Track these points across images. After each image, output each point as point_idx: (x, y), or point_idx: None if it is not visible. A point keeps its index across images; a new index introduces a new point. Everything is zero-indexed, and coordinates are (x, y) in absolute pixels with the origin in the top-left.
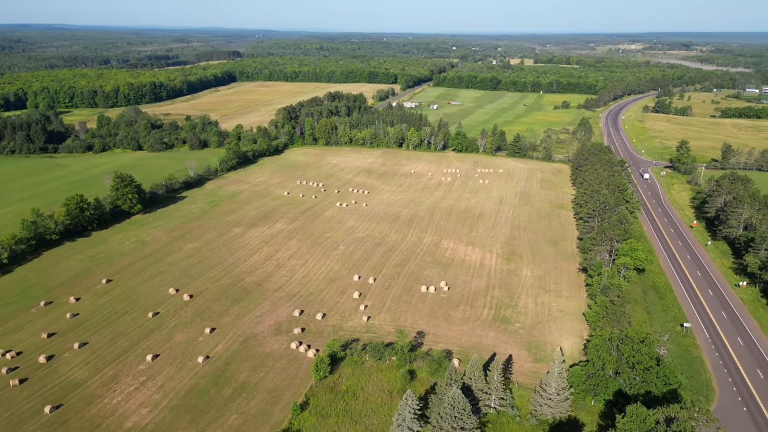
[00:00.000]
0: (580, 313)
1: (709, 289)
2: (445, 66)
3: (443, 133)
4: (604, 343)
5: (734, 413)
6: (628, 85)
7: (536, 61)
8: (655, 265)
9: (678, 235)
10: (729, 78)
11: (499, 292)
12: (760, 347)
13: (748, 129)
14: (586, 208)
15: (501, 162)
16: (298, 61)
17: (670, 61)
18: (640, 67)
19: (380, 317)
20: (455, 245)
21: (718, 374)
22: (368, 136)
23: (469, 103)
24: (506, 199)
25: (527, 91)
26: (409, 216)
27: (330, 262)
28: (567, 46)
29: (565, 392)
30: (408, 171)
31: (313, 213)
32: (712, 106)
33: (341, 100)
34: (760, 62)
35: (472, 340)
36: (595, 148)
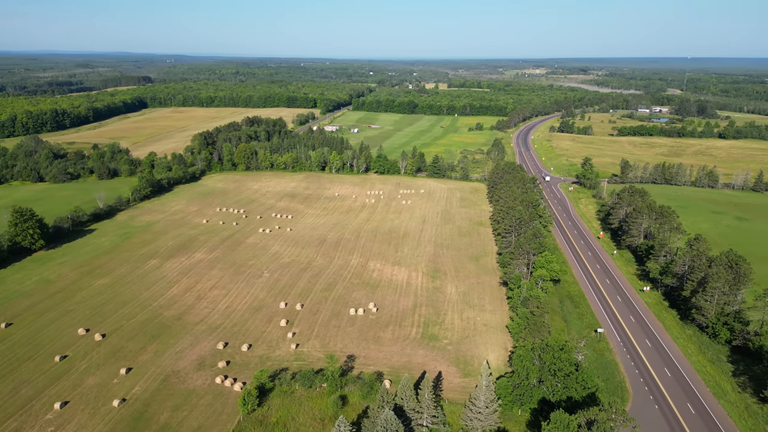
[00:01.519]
0: (504, 325)
1: (618, 296)
2: (363, 90)
3: (365, 155)
4: (527, 354)
5: (647, 411)
6: (535, 107)
7: (450, 86)
8: (569, 275)
9: (587, 245)
10: (623, 99)
11: (426, 310)
12: (665, 347)
13: (642, 145)
14: (504, 224)
15: (422, 183)
16: (214, 86)
17: (571, 85)
18: (544, 90)
19: (309, 344)
20: (382, 266)
21: (631, 375)
22: (290, 161)
23: (389, 126)
24: (429, 218)
25: (443, 114)
26: (335, 239)
27: (254, 291)
28: (478, 71)
29: (494, 404)
30: (332, 194)
31: (234, 240)
32: (610, 126)
33: (260, 124)
34: (648, 84)
35: (403, 360)
36: (509, 167)
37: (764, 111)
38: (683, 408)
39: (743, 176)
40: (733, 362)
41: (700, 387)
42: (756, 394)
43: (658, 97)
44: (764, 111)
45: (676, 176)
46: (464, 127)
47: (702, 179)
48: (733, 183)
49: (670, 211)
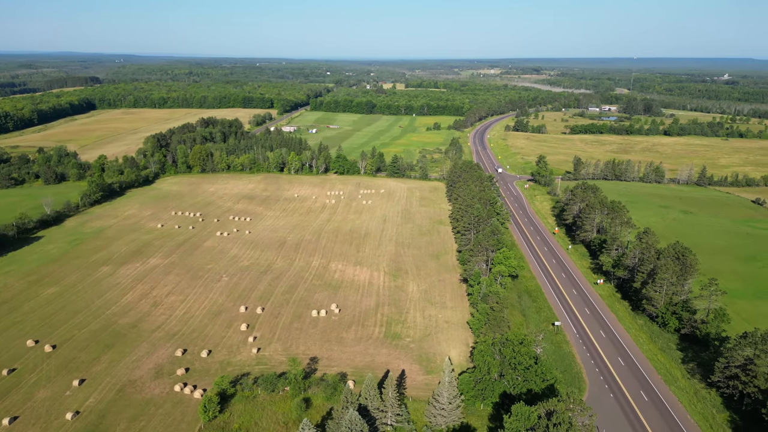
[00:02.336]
0: (465, 321)
1: (573, 289)
2: (321, 91)
3: (324, 156)
4: (488, 349)
5: (603, 400)
6: (491, 106)
7: (407, 86)
8: (526, 270)
9: (543, 241)
10: (574, 98)
11: (388, 309)
12: (619, 337)
13: (593, 143)
14: (463, 222)
15: (382, 182)
16: (166, 86)
17: (525, 84)
18: (499, 90)
19: (271, 347)
20: (344, 267)
21: (587, 366)
22: (247, 162)
23: (347, 126)
24: (389, 217)
25: (401, 114)
26: (296, 240)
27: (213, 295)
28: (434, 71)
29: (457, 400)
30: (291, 195)
31: (191, 245)
32: (563, 124)
33: (216, 125)
34: (598, 84)
35: (366, 360)
36: (467, 166)
37: (705, 109)
38: (637, 395)
39: (687, 171)
40: (682, 350)
41: (651, 374)
42: (704, 380)
43: (607, 97)
44: (705, 109)
45: (625, 172)
46: (422, 126)
47: (649, 175)
48: (678, 178)
49: (620, 206)
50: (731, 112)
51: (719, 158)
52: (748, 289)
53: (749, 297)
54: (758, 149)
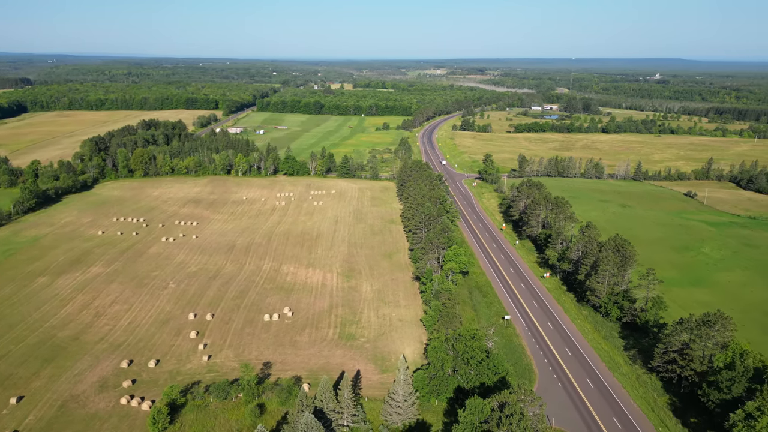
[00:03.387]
0: (418, 319)
1: (522, 283)
2: (267, 91)
3: (273, 157)
4: (441, 345)
5: (552, 389)
6: (438, 106)
7: (355, 86)
8: (476, 266)
9: (492, 237)
10: (518, 98)
11: (342, 310)
12: (565, 328)
13: (537, 141)
14: (414, 221)
15: (332, 183)
16: (104, 87)
17: (470, 84)
18: (446, 90)
19: (222, 354)
20: (296, 269)
21: (536, 357)
22: (192, 165)
23: (296, 127)
24: (341, 218)
25: (350, 115)
26: (245, 244)
27: (160, 303)
28: (382, 72)
29: (412, 397)
30: (239, 198)
31: (135, 251)
32: (507, 123)
33: (158, 127)
34: (539, 84)
35: (321, 362)
36: (416, 165)
37: (639, 107)
38: (583, 383)
39: (624, 167)
40: (624, 337)
41: (596, 362)
42: (644, 365)
43: (549, 96)
44: (639, 107)
45: (567, 169)
46: (371, 126)
47: (590, 171)
48: (616, 173)
49: (564, 202)
50: (663, 110)
51: (653, 154)
52: (682, 278)
53: (684, 285)
54: (688, 145)
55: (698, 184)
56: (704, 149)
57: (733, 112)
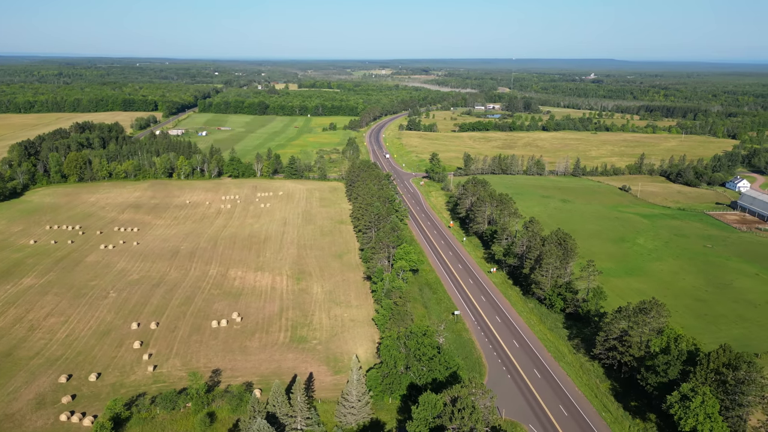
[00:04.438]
0: (370, 318)
1: (470, 278)
2: (209, 91)
3: (216, 159)
4: (393, 343)
5: (501, 381)
6: (384, 106)
7: (300, 86)
8: (426, 264)
9: (440, 235)
10: (462, 98)
11: (293, 312)
12: (512, 321)
13: (481, 140)
14: (363, 221)
15: (280, 184)
16: (33, 89)
17: (415, 84)
18: (391, 90)
19: (169, 363)
20: (244, 273)
21: (486, 350)
22: (131, 169)
23: (240, 128)
24: (289, 220)
25: (296, 115)
26: (190, 249)
27: (100, 314)
28: (327, 72)
29: (366, 397)
30: (182, 202)
31: (71, 260)
32: (452, 122)
33: (93, 130)
34: (482, 84)
35: (272, 367)
36: (364, 165)
37: (576, 105)
38: (531, 374)
39: (564, 163)
40: (568, 327)
41: (542, 353)
42: (587, 353)
43: (491, 95)
44: (576, 105)
45: (510, 166)
46: (318, 127)
47: (532, 168)
48: (556, 170)
49: (508, 199)
50: (598, 108)
51: (590, 150)
52: (620, 268)
53: (621, 275)
54: (622, 141)
55: (632, 178)
56: (637, 145)
57: (662, 110)
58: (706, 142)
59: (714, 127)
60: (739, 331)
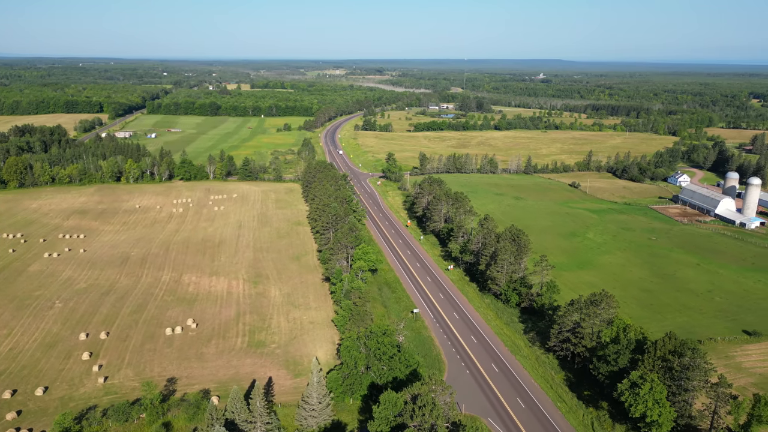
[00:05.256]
0: (330, 320)
1: (428, 276)
2: (158, 92)
3: (167, 162)
4: (353, 343)
5: (460, 377)
6: (339, 106)
7: (253, 86)
8: (384, 263)
9: (398, 234)
10: (416, 98)
11: (250, 317)
12: (470, 317)
13: (435, 139)
14: (321, 222)
15: (234, 187)
16: None
17: (369, 85)
18: (346, 90)
19: (121, 374)
20: (198, 278)
21: (445, 347)
22: (76, 173)
23: (191, 129)
24: (245, 223)
25: (249, 116)
26: (141, 255)
27: (45, 325)
28: (280, 72)
29: (327, 399)
30: (132, 206)
31: (12, 270)
32: (407, 122)
33: (34, 133)
34: (435, 84)
35: (230, 373)
36: (321, 166)
37: (527, 105)
38: (488, 368)
39: (516, 161)
40: (523, 321)
41: (500, 347)
42: (542, 346)
43: (445, 95)
44: (527, 105)
45: (465, 165)
46: (272, 128)
47: (485, 166)
48: (509, 168)
49: (463, 197)
50: (547, 107)
51: (541, 148)
52: (571, 262)
53: (573, 268)
54: (571, 139)
55: (581, 175)
56: (584, 143)
57: (607, 108)
58: (648, 139)
59: (656, 125)
60: (683, 319)
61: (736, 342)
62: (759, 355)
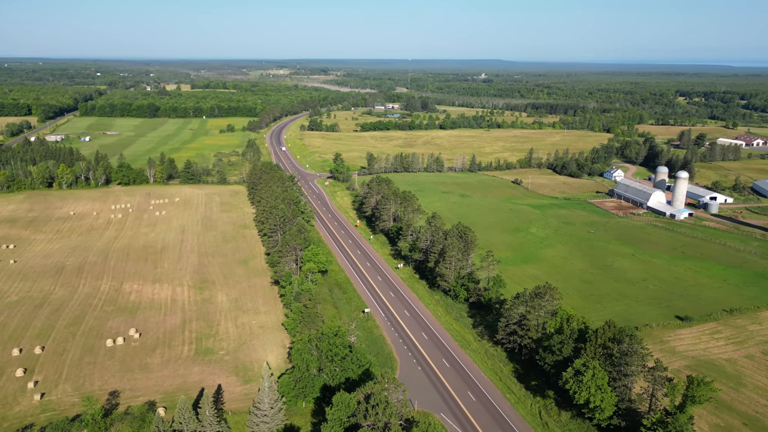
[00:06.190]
0: (280, 323)
1: (378, 276)
2: (92, 93)
3: (103, 166)
4: (304, 346)
5: (412, 374)
6: (284, 107)
7: (193, 87)
8: (335, 264)
9: (348, 234)
10: (362, 98)
11: (197, 324)
12: (420, 314)
13: (382, 139)
14: (268, 224)
15: (176, 190)
16: None
17: (314, 85)
18: (291, 91)
19: (59, 390)
20: (140, 286)
21: (396, 345)
22: (3, 179)
23: (128, 132)
24: (188, 227)
25: (190, 117)
26: (77, 264)
27: None
28: (221, 72)
29: (278, 403)
30: (66, 213)
31: None
32: (354, 122)
33: None
34: (380, 84)
35: (177, 382)
36: (266, 167)
37: (470, 104)
38: (440, 363)
39: (461, 160)
40: (472, 316)
41: (450, 342)
42: (491, 339)
43: (390, 95)
44: (470, 104)
45: (412, 164)
46: (215, 129)
47: (431, 165)
48: (454, 166)
49: (411, 196)
50: (489, 106)
51: (484, 147)
52: (516, 256)
53: (517, 262)
54: (512, 137)
55: (523, 172)
56: (525, 141)
57: (546, 107)
58: (585, 136)
59: (591, 122)
60: (621, 307)
61: (669, 327)
62: (691, 339)
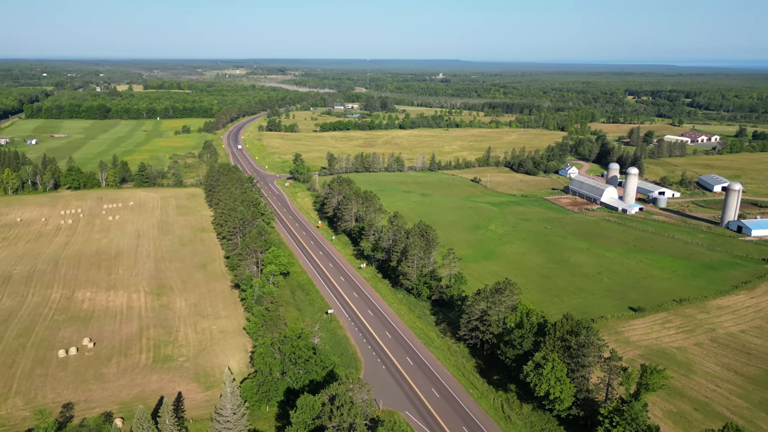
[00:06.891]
0: (241, 328)
1: (341, 276)
2: (37, 95)
3: (51, 170)
4: (267, 350)
5: (377, 373)
6: (241, 107)
7: (146, 87)
8: (297, 266)
9: (309, 235)
10: (320, 98)
11: (155, 331)
12: (384, 313)
13: (342, 139)
14: (227, 227)
15: (129, 194)
16: None
17: (272, 85)
18: (248, 91)
19: (8, 404)
20: (93, 294)
21: (360, 345)
22: None
23: (78, 134)
24: (144, 232)
25: (143, 118)
26: (26, 273)
27: None
28: (175, 72)
29: (241, 409)
30: (12, 220)
31: None
32: (313, 123)
33: None
34: (339, 84)
35: (134, 392)
36: (224, 169)
37: (428, 104)
38: (404, 362)
39: (421, 159)
40: (435, 313)
41: (414, 341)
42: (453, 336)
43: (349, 95)
44: (428, 104)
45: (372, 164)
46: (170, 130)
47: (392, 165)
48: (415, 166)
49: (372, 195)
50: (448, 106)
51: (443, 146)
52: (476, 254)
53: (478, 259)
54: (471, 137)
55: (481, 170)
56: (483, 140)
57: (502, 106)
58: (540, 134)
59: (546, 121)
60: (577, 300)
61: (623, 318)
62: (643, 329)
